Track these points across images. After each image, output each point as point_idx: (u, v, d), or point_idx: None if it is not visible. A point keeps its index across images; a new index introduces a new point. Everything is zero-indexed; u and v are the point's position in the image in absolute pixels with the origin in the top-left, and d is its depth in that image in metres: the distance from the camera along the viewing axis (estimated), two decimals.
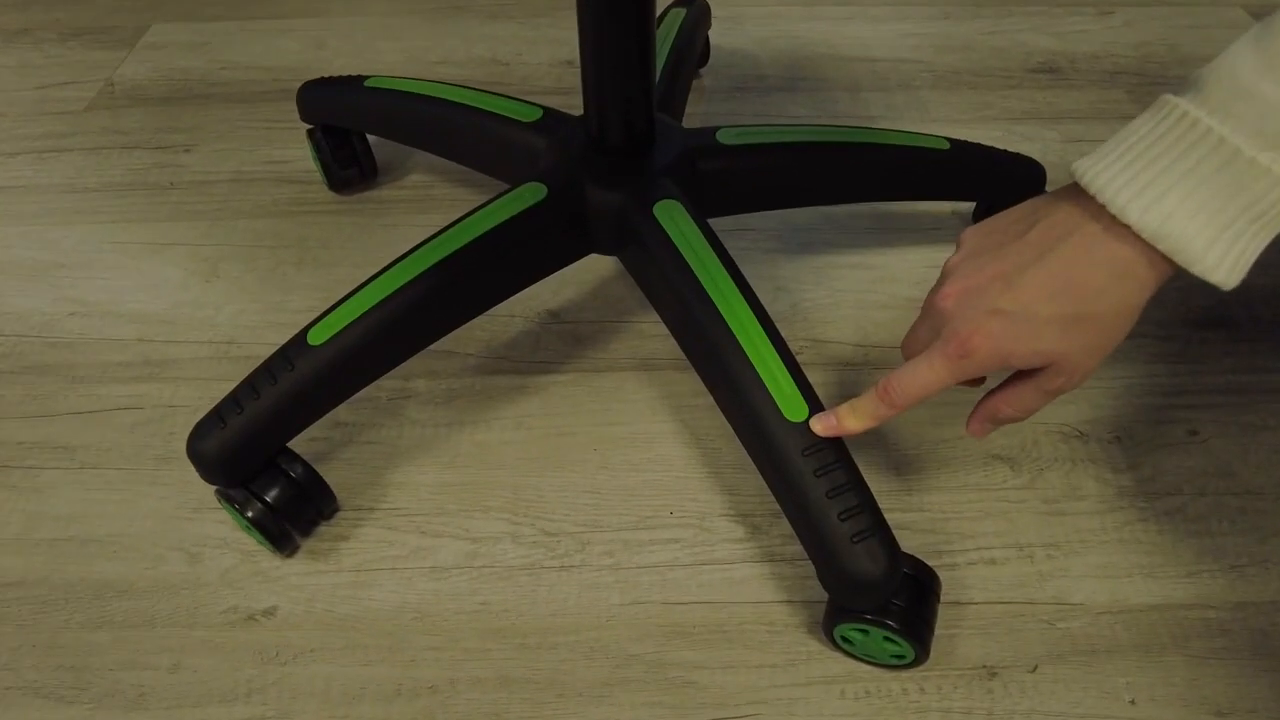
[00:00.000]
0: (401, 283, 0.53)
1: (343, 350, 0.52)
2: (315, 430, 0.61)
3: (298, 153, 0.85)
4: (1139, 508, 0.57)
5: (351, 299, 0.53)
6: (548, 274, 0.59)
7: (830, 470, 0.46)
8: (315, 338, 0.52)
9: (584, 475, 0.59)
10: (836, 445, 0.47)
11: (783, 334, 0.50)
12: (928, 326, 0.45)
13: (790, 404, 0.47)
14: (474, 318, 0.57)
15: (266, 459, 0.53)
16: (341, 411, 0.62)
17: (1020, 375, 0.44)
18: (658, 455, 0.60)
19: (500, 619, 0.53)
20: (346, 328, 0.52)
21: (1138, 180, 0.37)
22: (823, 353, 0.66)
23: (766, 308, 0.52)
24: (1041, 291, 0.40)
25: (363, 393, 0.64)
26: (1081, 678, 0.50)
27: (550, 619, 0.53)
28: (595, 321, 0.68)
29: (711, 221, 0.56)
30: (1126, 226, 0.37)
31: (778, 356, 0.49)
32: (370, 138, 0.79)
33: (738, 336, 0.50)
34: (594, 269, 0.71)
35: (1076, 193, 0.39)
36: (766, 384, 0.48)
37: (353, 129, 0.77)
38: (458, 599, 0.54)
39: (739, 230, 0.74)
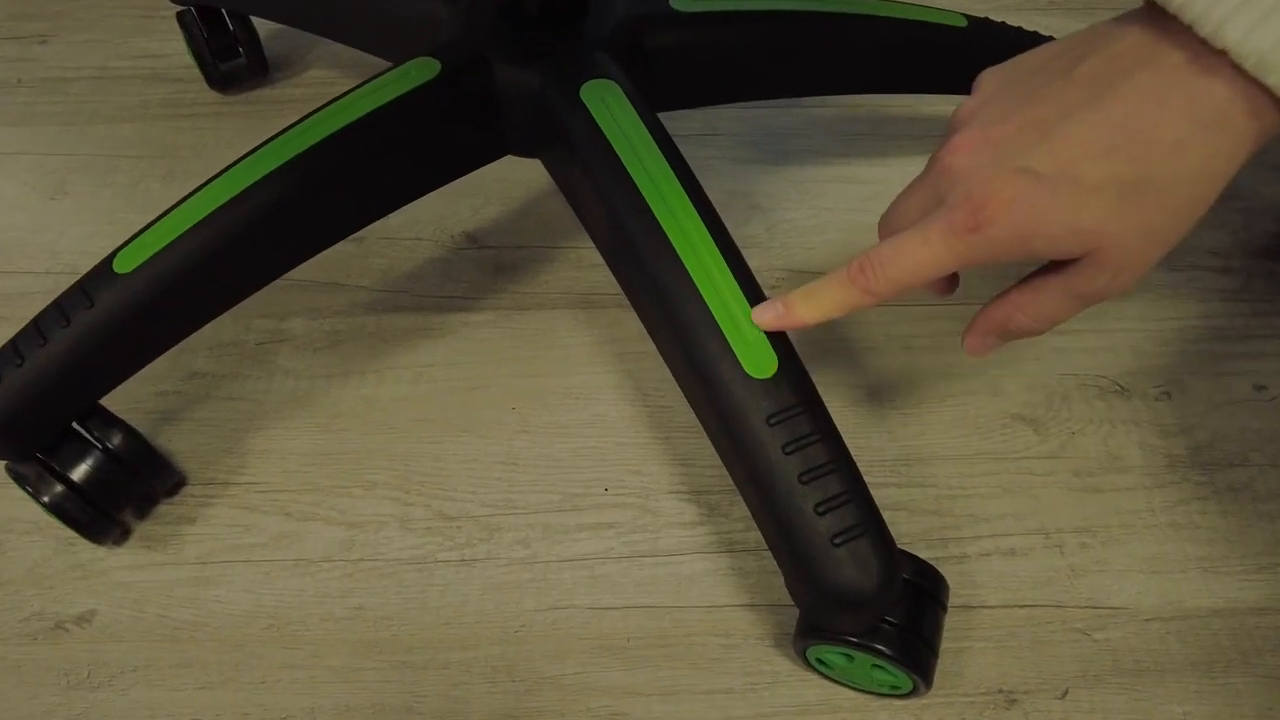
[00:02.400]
0: (241, 188, 0.40)
1: (160, 280, 0.39)
2: (163, 381, 0.49)
3: (177, 46, 0.70)
4: (1194, 482, 0.46)
5: (175, 211, 0.40)
6: (443, 180, 0.45)
7: (806, 444, 0.34)
8: (124, 264, 0.39)
9: (497, 441, 0.46)
10: (814, 410, 0.34)
11: (752, 264, 0.38)
12: (925, 194, 0.32)
13: (754, 355, 0.35)
14: (343, 237, 0.44)
15: (65, 424, 0.40)
16: (198, 358, 0.50)
17: (1045, 269, 0.32)
18: (593, 415, 0.47)
19: (379, 628, 0.41)
20: (166, 249, 0.39)
21: None
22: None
23: (731, 230, 0.39)
24: (1091, 145, 0.28)
25: (226, 334, 0.51)
26: (1126, 706, 0.39)
27: (443, 629, 0.41)
28: (523, 247, 0.55)
29: (665, 121, 0.43)
30: (1222, 53, 0.26)
31: (739, 291, 0.36)
32: (265, 27, 0.65)
33: (686, 263, 0.37)
34: (524, 180, 0.58)
35: (1150, 14, 0.28)
36: (723, 327, 0.35)
37: (228, 8, 0.62)
38: (326, 601, 0.42)
39: (702, 135, 0.61)
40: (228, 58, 0.65)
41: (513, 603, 0.41)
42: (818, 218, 0.56)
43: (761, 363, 0.35)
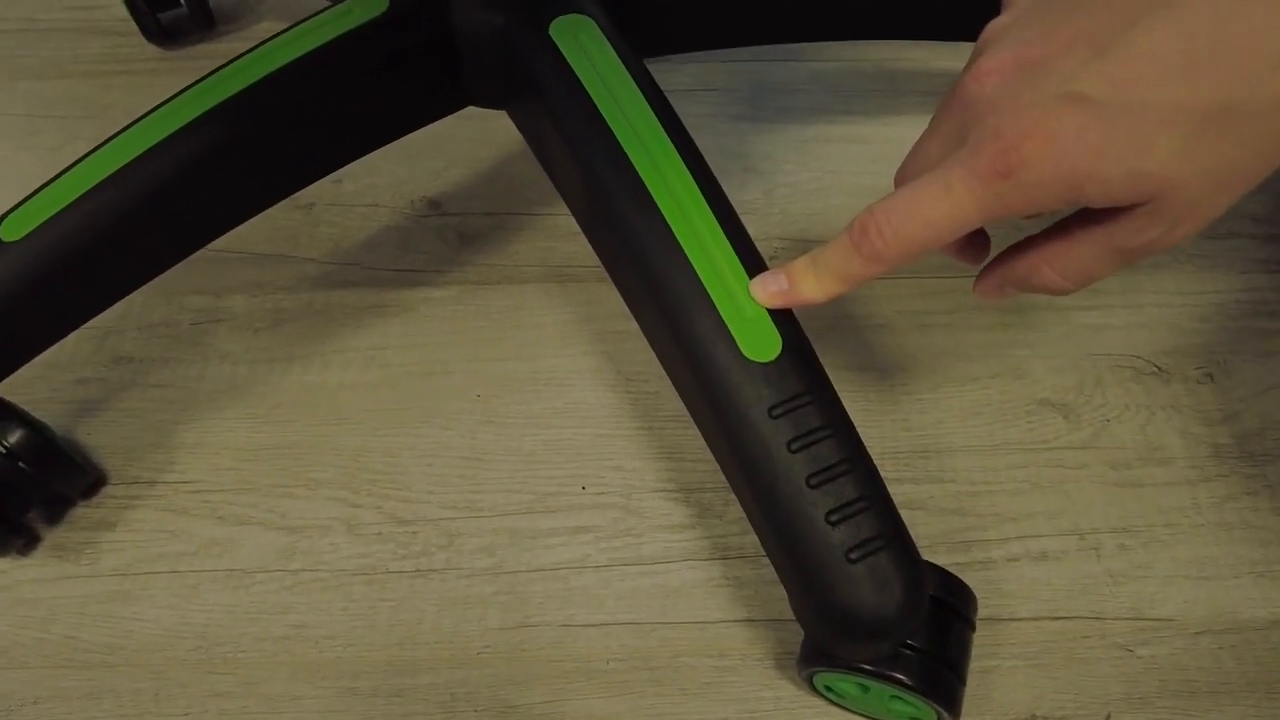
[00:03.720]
0: (154, 142, 0.34)
1: (57, 249, 0.33)
2: (83, 367, 0.43)
3: None
4: (1244, 475, 0.41)
5: (75, 169, 0.34)
6: (392, 134, 0.40)
7: (815, 439, 0.28)
8: (12, 230, 0.33)
9: (459, 433, 0.41)
10: (825, 399, 0.29)
11: (750, 231, 0.32)
12: (948, 132, 0.27)
13: (753, 335, 0.29)
14: (274, 200, 0.38)
15: None
16: (125, 341, 0.44)
17: (1082, 215, 0.27)
18: (569, 404, 0.42)
19: (322, 649, 0.36)
20: (64, 213, 0.33)
21: None
22: None
23: (728, 193, 0.33)
24: (1162, 61, 0.22)
25: (156, 314, 0.45)
26: None
27: (395, 650, 0.36)
28: (491, 214, 0.49)
29: (653, 69, 0.37)
30: None
31: (736, 260, 0.31)
32: None
33: (673, 226, 0.32)
34: (493, 139, 0.52)
35: None
36: (716, 301, 0.30)
37: None
38: (262, 619, 0.36)
39: (693, 91, 0.55)
40: (166, 7, 0.58)
41: (475, 620, 0.36)
42: (820, 181, 0.50)
43: (762, 343, 0.29)
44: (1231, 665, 0.36)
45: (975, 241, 0.30)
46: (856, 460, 0.28)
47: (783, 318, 0.30)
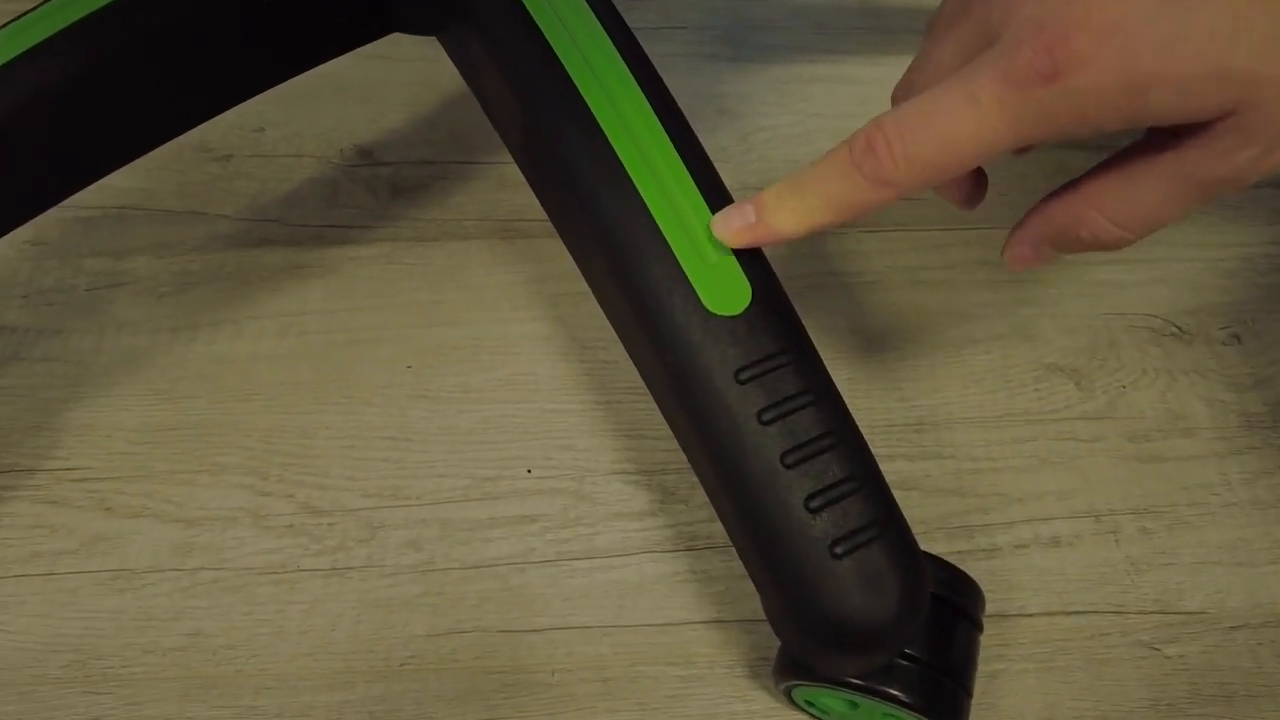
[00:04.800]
0: (43, 38, 0.29)
1: None
2: None
3: None
4: (1279, 446, 0.36)
5: None
6: (301, 64, 0.34)
7: (792, 408, 0.23)
8: None
9: (386, 410, 0.36)
10: (804, 359, 0.24)
11: (724, 179, 0.27)
12: (966, 30, 0.22)
13: (717, 283, 0.24)
14: (155, 144, 0.32)
15: None
16: (8, 309, 0.39)
17: (1142, 145, 0.22)
18: (514, 375, 0.37)
19: (220, 662, 0.30)
20: None
21: None
22: None
23: (699, 137, 0.28)
24: None
25: (47, 278, 0.40)
26: None
27: (306, 661, 0.31)
28: (431, 163, 0.43)
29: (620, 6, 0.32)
30: None
31: (699, 197, 0.26)
32: None
33: (624, 158, 0.26)
34: (436, 84, 0.46)
35: None
36: (672, 244, 0.25)
37: None
38: (151, 627, 0.31)
39: (661, 28, 0.49)
40: None
41: (399, 625, 0.31)
42: (802, 124, 0.45)
43: (727, 294, 0.24)
44: (1273, 664, 0.31)
45: (972, 177, 0.25)
46: (842, 434, 0.23)
47: (754, 264, 0.25)
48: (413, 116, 0.45)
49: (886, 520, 0.23)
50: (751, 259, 0.25)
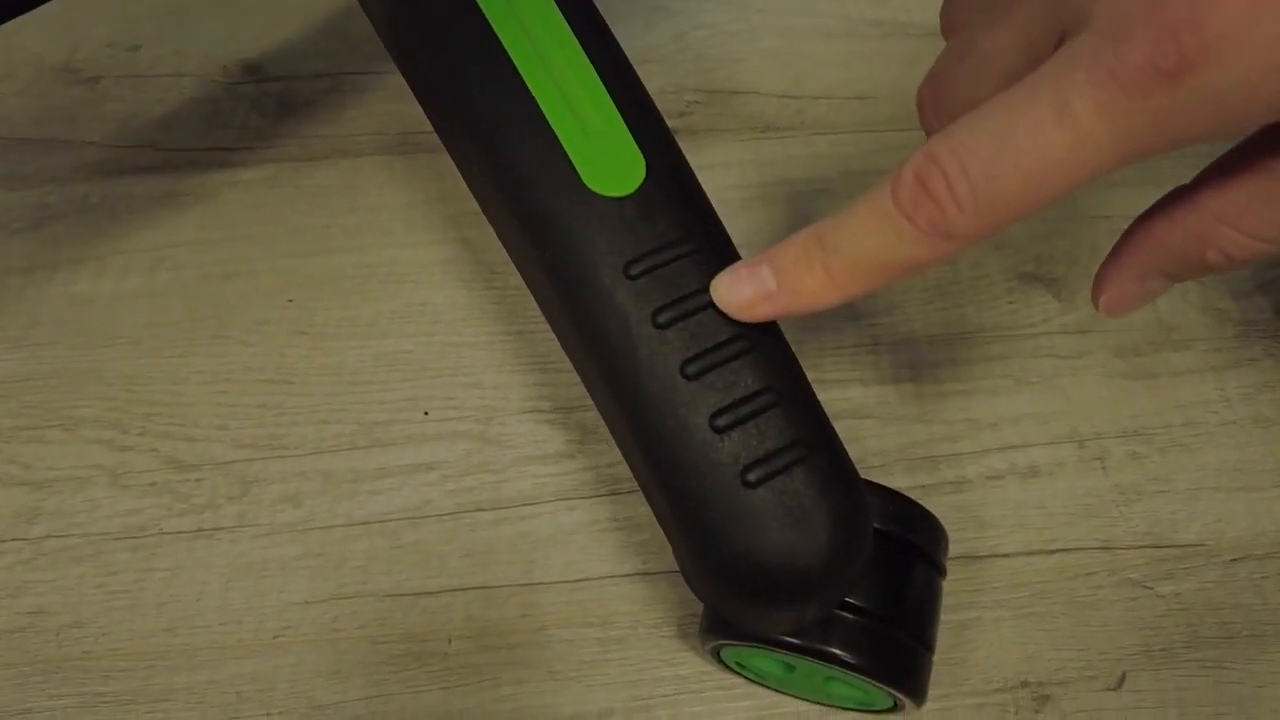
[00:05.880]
0: None
1: None
2: None
3: None
4: None
5: None
6: None
7: (696, 307, 0.19)
8: None
9: (264, 350, 0.31)
10: (712, 244, 0.20)
11: (653, 85, 0.22)
12: (1034, 11, 0.17)
13: (601, 155, 0.20)
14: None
15: None
16: None
17: (1268, 148, 0.17)
18: (410, 305, 0.32)
19: (65, 642, 0.26)
20: None
21: None
22: (727, 112, 0.37)
23: (623, 43, 0.23)
24: None
25: None
26: (1211, 693, 0.26)
27: (165, 638, 0.26)
28: (323, 75, 0.38)
29: None
30: None
31: (583, 58, 0.21)
32: None
33: (507, 45, 0.22)
34: None
35: None
36: (546, 109, 0.20)
37: None
38: None
39: None
40: None
41: (273, 592, 0.27)
42: (746, 21, 0.40)
43: (615, 170, 0.20)
44: (1278, 599, 0.27)
45: None
46: (758, 339, 0.19)
47: (647, 130, 0.20)
48: (306, 28, 0.40)
49: (814, 441, 0.19)
50: (647, 125, 0.20)
